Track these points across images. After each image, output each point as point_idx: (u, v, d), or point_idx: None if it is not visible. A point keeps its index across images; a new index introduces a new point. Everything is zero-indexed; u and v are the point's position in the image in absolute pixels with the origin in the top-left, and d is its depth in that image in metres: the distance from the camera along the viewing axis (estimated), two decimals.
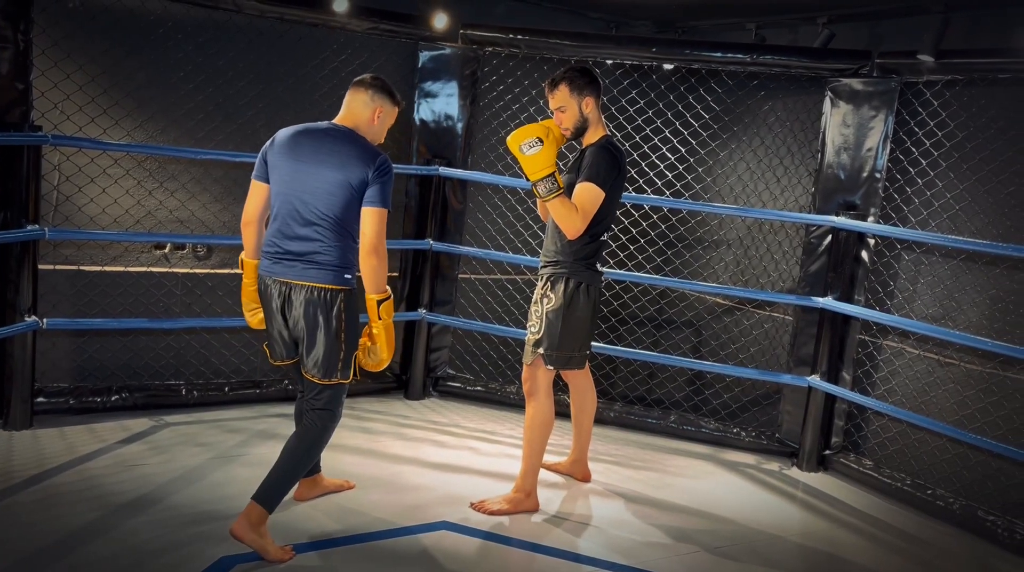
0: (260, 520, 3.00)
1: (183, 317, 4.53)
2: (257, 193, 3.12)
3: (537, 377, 3.61)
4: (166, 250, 4.51)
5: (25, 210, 3.85)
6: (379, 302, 3.04)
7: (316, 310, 3.01)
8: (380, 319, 3.07)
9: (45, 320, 3.96)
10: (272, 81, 4.62)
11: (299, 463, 3.10)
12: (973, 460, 4.05)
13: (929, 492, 4.10)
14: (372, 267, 2.99)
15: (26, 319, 3.90)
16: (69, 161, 4.16)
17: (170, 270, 4.52)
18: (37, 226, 3.89)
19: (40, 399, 4.10)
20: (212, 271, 4.62)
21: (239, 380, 4.68)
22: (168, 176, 4.44)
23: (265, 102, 4.61)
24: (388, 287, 3.08)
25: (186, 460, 3.79)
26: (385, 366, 3.17)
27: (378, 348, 3.11)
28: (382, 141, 3.20)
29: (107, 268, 4.34)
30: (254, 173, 3.13)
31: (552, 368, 3.59)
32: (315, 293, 3.01)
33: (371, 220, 2.97)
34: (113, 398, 4.29)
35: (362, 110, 3.11)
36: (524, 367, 3.65)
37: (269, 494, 3.02)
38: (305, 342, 3.06)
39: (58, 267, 4.23)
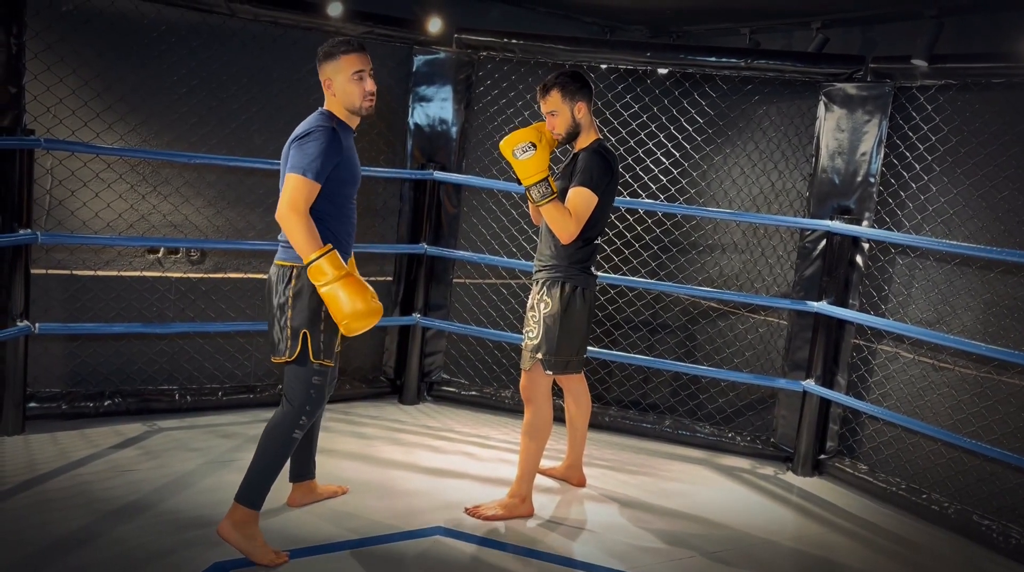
0: (244, 520, 3.00)
1: (176, 322, 4.51)
2: None
3: (536, 382, 3.60)
4: (159, 254, 4.49)
5: (18, 214, 3.83)
6: (308, 265, 2.85)
7: (271, 286, 3.05)
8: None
9: (37, 325, 3.95)
10: (266, 85, 4.61)
11: (272, 456, 3.04)
12: (968, 464, 4.05)
13: (924, 496, 4.10)
14: (287, 234, 2.89)
15: (18, 324, 3.88)
16: (62, 165, 4.15)
17: (164, 274, 4.50)
18: (30, 230, 3.87)
19: (32, 404, 4.08)
20: (206, 275, 4.61)
21: (232, 385, 4.66)
22: (162, 180, 4.43)
23: (259, 106, 4.60)
24: (324, 246, 2.86)
25: (179, 465, 3.77)
26: (358, 330, 2.90)
27: (334, 313, 2.87)
28: (359, 101, 3.02)
29: (100, 272, 4.33)
30: None
31: (551, 373, 3.58)
32: (274, 270, 3.05)
33: (284, 186, 2.91)
34: (106, 403, 4.26)
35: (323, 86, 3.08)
36: (523, 373, 3.64)
37: (246, 491, 3.02)
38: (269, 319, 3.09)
39: (51, 271, 4.21)
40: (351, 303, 2.86)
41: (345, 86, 3.02)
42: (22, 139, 3.79)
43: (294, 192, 2.88)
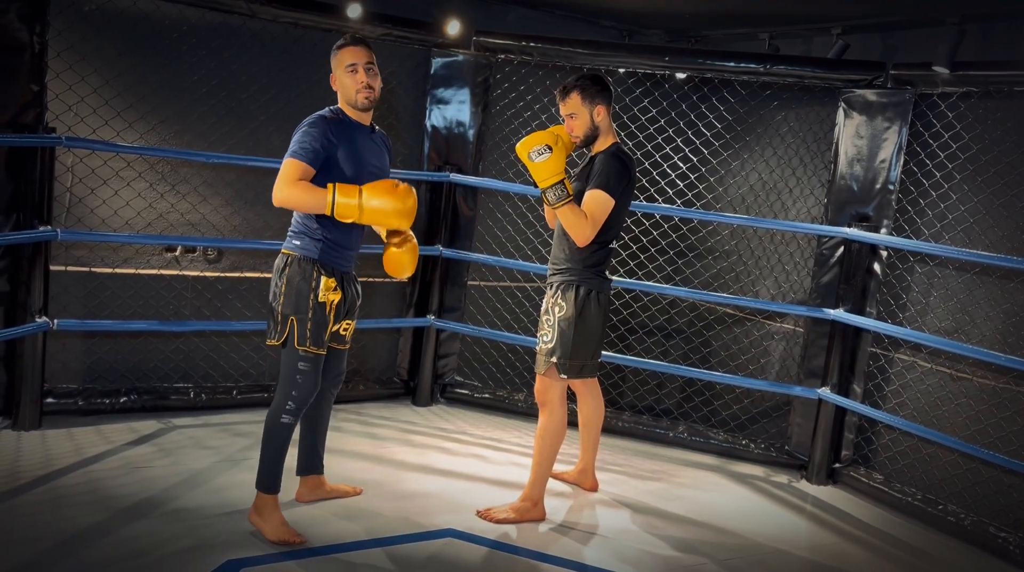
0: (263, 504, 3.16)
1: (193, 320, 4.54)
2: None
3: (550, 386, 3.60)
4: (177, 253, 4.52)
5: (38, 211, 3.87)
6: (332, 213, 2.98)
7: (273, 273, 3.18)
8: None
9: (56, 321, 3.98)
10: (285, 86, 4.63)
11: (269, 442, 3.16)
12: (985, 475, 4.01)
13: (940, 507, 4.06)
14: (294, 207, 3.05)
15: (37, 320, 3.91)
16: (82, 163, 4.18)
17: (180, 273, 4.53)
18: (49, 227, 3.91)
19: (49, 400, 4.11)
20: (222, 274, 4.63)
21: (247, 384, 4.68)
22: (180, 179, 4.46)
23: (277, 107, 4.62)
24: (326, 189, 2.97)
25: (192, 463, 3.79)
26: (408, 224, 3.10)
27: (382, 223, 3.11)
28: (353, 93, 3.13)
29: (118, 270, 4.36)
30: None
31: (566, 377, 3.57)
32: (277, 258, 3.19)
33: (280, 172, 3.03)
34: (121, 400, 4.29)
35: None
36: (537, 377, 3.63)
37: (259, 476, 3.18)
38: None
39: (69, 268, 4.24)
40: (384, 207, 2.99)
41: (342, 79, 3.16)
42: (43, 137, 3.82)
43: (285, 172, 3.00)
